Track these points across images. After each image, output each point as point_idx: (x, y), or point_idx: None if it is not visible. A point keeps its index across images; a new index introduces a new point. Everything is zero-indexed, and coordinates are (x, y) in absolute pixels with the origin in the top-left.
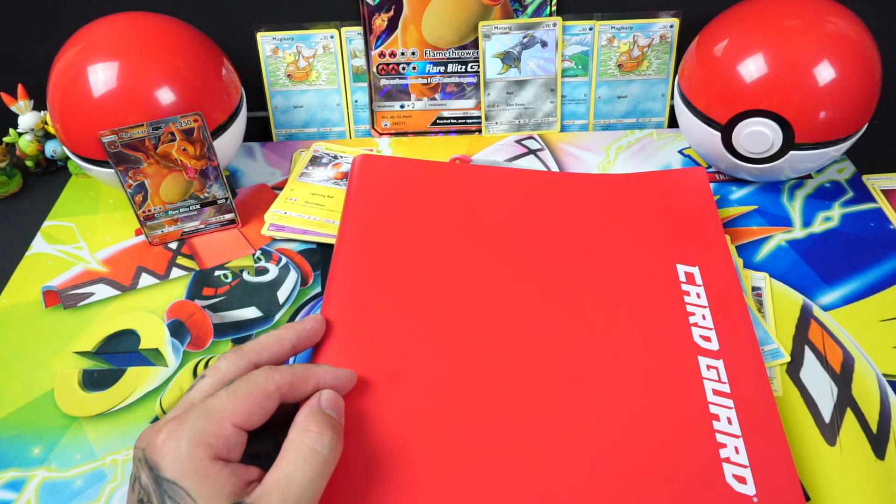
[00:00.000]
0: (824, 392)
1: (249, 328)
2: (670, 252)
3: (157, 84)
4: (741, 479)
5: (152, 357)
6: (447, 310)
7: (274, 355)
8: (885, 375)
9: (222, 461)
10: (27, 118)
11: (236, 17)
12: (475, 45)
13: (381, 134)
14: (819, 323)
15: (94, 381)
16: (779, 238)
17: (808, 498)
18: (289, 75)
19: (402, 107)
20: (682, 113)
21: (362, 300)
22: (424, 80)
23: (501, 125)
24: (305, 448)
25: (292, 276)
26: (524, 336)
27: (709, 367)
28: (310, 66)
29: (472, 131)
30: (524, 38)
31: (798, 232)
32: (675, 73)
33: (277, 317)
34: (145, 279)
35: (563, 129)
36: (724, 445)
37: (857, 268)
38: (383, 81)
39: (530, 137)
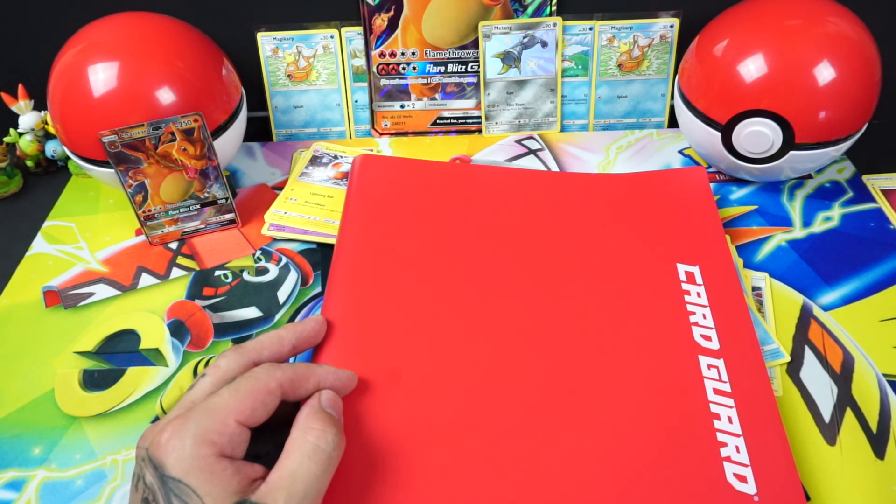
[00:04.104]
0: (824, 392)
1: (249, 328)
2: (671, 252)
3: (157, 84)
4: (742, 478)
5: (152, 357)
6: (447, 310)
7: (274, 355)
8: (885, 375)
9: (227, 458)
10: (28, 118)
11: (236, 17)
12: (475, 45)
13: (381, 134)
14: (819, 323)
15: (94, 381)
16: (779, 238)
17: (808, 497)
18: (289, 75)
19: (402, 107)
20: (682, 113)
21: (362, 300)
22: (424, 80)
23: (501, 125)
24: (309, 445)
25: (292, 276)
26: (524, 336)
27: (709, 366)
28: (310, 66)
29: (472, 131)
30: (524, 38)
31: (798, 232)
32: (675, 73)
33: (277, 317)
34: (145, 279)
35: (563, 129)
36: (724, 444)
37: (857, 268)
38: (383, 81)
39: (530, 137)
